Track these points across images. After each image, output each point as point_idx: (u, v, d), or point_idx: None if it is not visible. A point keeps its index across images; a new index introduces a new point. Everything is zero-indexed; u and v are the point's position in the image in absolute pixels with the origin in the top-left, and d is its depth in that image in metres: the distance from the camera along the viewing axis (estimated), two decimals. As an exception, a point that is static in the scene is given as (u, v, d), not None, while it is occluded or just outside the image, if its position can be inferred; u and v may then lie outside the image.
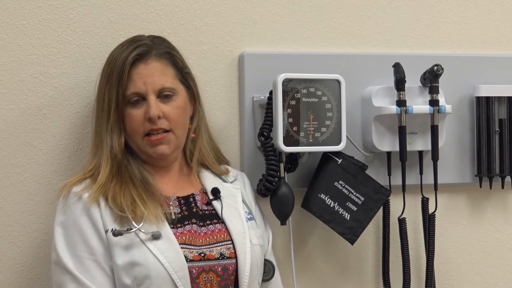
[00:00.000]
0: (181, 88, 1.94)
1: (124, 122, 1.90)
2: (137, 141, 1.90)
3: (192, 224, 1.89)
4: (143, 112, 1.88)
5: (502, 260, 2.42)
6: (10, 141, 2.02)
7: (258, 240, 1.94)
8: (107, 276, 1.81)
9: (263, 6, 2.20)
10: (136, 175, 1.89)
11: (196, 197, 1.95)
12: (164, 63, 1.92)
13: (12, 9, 2.02)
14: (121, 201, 1.84)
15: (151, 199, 1.87)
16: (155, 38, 1.97)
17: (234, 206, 1.97)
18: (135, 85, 1.88)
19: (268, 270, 1.99)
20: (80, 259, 1.81)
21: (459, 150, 2.34)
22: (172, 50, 1.96)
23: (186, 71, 1.97)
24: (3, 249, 2.03)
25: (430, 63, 2.19)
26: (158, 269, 1.79)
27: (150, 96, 1.88)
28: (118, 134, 1.89)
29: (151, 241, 1.81)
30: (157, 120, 1.87)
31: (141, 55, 1.89)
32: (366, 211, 2.14)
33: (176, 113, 1.90)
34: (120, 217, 1.83)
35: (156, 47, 1.93)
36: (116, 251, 1.81)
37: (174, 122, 1.90)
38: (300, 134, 2.06)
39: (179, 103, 1.92)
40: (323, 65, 2.20)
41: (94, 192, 1.85)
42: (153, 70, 1.90)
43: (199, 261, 1.84)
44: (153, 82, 1.88)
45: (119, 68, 1.88)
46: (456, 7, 2.37)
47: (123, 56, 1.89)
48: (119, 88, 1.87)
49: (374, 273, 2.30)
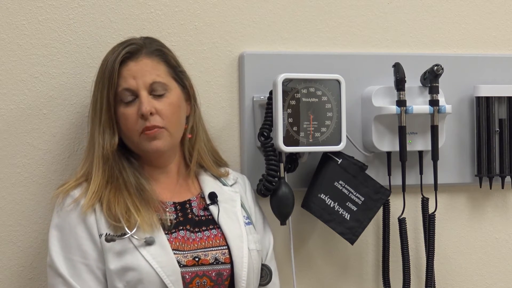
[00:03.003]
0: (174, 85, 1.92)
1: (119, 122, 1.89)
2: (134, 139, 1.89)
3: (185, 230, 1.88)
4: (136, 109, 1.87)
5: (502, 260, 2.42)
6: (10, 141, 2.02)
7: (256, 245, 1.93)
8: (98, 281, 1.81)
9: (263, 6, 2.20)
10: (131, 182, 1.88)
11: (192, 203, 1.94)
12: (155, 60, 1.91)
13: (12, 9, 2.02)
14: (115, 210, 1.82)
15: (145, 207, 1.85)
16: (147, 38, 1.96)
17: (232, 211, 1.96)
18: (125, 82, 1.87)
19: (265, 275, 1.98)
20: (72, 263, 1.81)
21: (459, 150, 2.34)
22: (163, 48, 1.95)
23: (180, 70, 1.96)
24: (3, 249, 2.03)
25: (430, 63, 2.19)
26: (150, 273, 1.78)
27: (142, 92, 1.87)
28: (110, 134, 1.88)
29: (144, 247, 1.80)
30: (149, 117, 1.86)
31: (131, 53, 1.89)
32: (366, 211, 2.14)
33: (169, 110, 1.89)
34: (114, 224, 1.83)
35: (147, 45, 1.92)
36: (109, 256, 1.80)
37: (168, 119, 1.88)
38: (300, 134, 2.06)
39: (172, 99, 1.90)
40: (323, 65, 2.20)
41: (89, 200, 1.83)
42: (143, 66, 1.89)
43: (192, 266, 1.83)
44: (143, 77, 1.87)
45: (110, 67, 1.87)
46: (456, 7, 2.37)
47: (114, 56, 1.88)
48: (110, 87, 1.87)
49: (374, 273, 2.30)
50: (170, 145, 1.92)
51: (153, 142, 1.88)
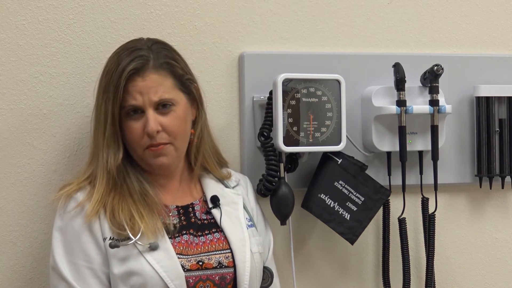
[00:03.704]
0: (180, 97, 1.89)
1: (124, 134, 1.87)
2: (139, 153, 1.88)
3: (189, 235, 1.88)
4: (142, 125, 1.85)
5: (502, 260, 2.42)
6: (10, 141, 2.02)
7: (258, 248, 1.93)
8: (103, 285, 1.81)
9: (263, 6, 2.20)
10: (135, 188, 1.87)
11: (195, 206, 1.93)
12: (162, 74, 1.87)
13: (12, 9, 2.02)
14: (120, 217, 1.82)
15: (150, 213, 1.84)
16: (154, 44, 1.90)
17: (235, 214, 1.95)
18: (132, 98, 1.84)
19: (267, 277, 1.97)
20: (76, 267, 1.81)
21: (459, 150, 2.34)
22: (170, 60, 1.90)
23: (187, 78, 1.92)
24: (3, 249, 2.03)
25: (430, 63, 2.19)
26: (155, 278, 1.78)
27: (148, 110, 1.84)
28: (115, 149, 1.86)
29: (148, 252, 1.80)
30: (156, 135, 1.84)
31: (137, 69, 1.84)
32: (366, 211, 2.14)
33: (175, 125, 1.87)
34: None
35: (154, 57, 1.87)
36: (113, 261, 1.80)
37: (174, 134, 1.87)
38: (300, 134, 2.06)
39: (179, 113, 1.88)
40: (323, 65, 2.20)
41: (93, 208, 1.82)
42: (150, 83, 1.85)
43: (196, 270, 1.83)
44: (150, 95, 1.84)
45: (115, 82, 1.84)
46: (456, 7, 2.37)
47: (120, 69, 1.84)
48: (115, 102, 1.84)
49: (374, 273, 2.30)
50: (176, 160, 1.91)
51: (159, 159, 1.87)
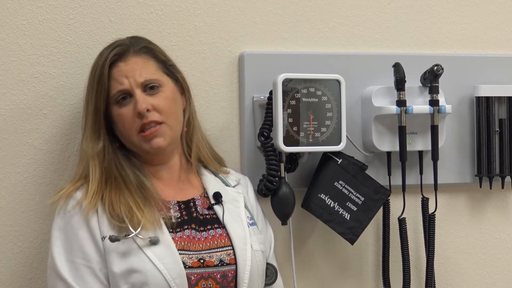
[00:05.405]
0: (167, 79, 1.92)
1: (116, 125, 1.88)
2: (132, 139, 1.88)
3: (191, 229, 1.87)
4: (132, 108, 1.86)
5: (502, 260, 2.42)
6: (10, 141, 2.02)
7: (260, 246, 1.92)
8: (101, 284, 1.80)
9: (263, 6, 2.20)
10: (131, 180, 1.87)
11: (196, 201, 1.93)
12: (144, 57, 1.90)
13: (12, 9, 2.02)
14: (119, 210, 1.82)
15: (148, 205, 1.84)
16: (132, 37, 1.96)
17: (236, 212, 1.95)
18: (118, 83, 1.87)
19: (271, 274, 1.97)
20: (75, 266, 1.80)
21: (459, 150, 2.34)
22: (149, 45, 1.94)
23: (170, 64, 1.95)
24: (3, 249, 2.03)
25: (430, 63, 2.19)
26: (156, 276, 1.77)
27: (136, 91, 1.86)
28: (94, 138, 1.87)
29: (148, 247, 1.79)
30: (146, 113, 1.85)
31: (119, 54, 1.88)
32: (366, 211, 2.14)
33: (165, 104, 1.88)
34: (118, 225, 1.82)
35: (134, 44, 1.91)
36: (112, 258, 1.79)
37: (165, 113, 1.88)
38: (300, 134, 2.06)
39: (167, 93, 1.90)
40: (323, 65, 2.20)
41: (91, 201, 1.82)
42: (133, 65, 1.88)
43: (198, 267, 1.82)
44: (135, 76, 1.87)
45: (100, 70, 1.87)
46: (456, 7, 2.37)
47: (102, 59, 1.88)
48: (99, 90, 1.86)
49: (374, 273, 2.30)
50: (171, 140, 1.90)
51: (154, 141, 1.87)
